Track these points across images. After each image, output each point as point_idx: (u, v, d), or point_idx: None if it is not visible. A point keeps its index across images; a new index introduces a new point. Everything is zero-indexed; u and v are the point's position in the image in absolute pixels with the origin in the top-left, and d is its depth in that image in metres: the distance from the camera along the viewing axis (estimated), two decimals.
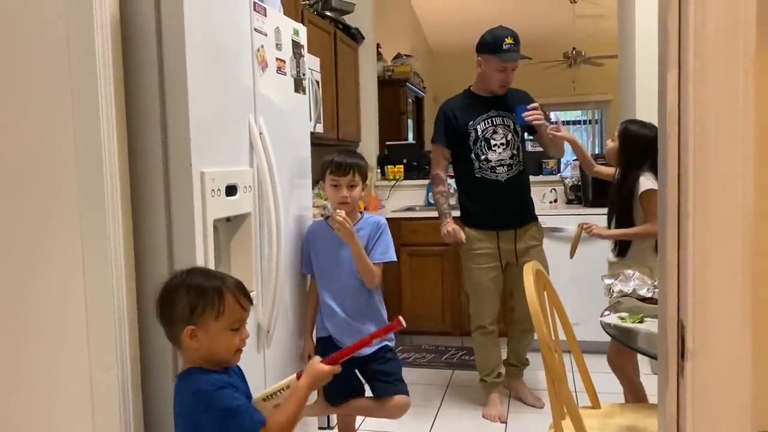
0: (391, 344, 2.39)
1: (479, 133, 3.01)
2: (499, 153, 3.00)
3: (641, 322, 2.00)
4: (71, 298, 1.02)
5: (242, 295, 1.39)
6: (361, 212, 2.36)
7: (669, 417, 0.85)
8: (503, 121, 3.02)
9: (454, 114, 3.08)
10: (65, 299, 0.98)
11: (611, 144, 2.71)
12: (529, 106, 2.87)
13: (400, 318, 1.49)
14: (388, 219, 4.15)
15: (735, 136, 0.77)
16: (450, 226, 3.04)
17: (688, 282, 0.79)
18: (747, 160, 0.76)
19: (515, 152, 3.03)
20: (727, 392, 0.79)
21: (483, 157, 3.01)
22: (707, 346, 0.79)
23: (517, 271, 3.02)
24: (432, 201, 4.57)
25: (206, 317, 1.33)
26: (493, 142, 3.01)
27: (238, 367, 1.50)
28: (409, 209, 4.47)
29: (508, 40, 2.95)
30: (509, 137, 3.02)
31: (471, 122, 3.03)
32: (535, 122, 2.86)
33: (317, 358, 1.49)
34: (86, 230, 1.16)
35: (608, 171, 2.92)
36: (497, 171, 3.01)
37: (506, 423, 2.99)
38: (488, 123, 3.02)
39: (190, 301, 1.33)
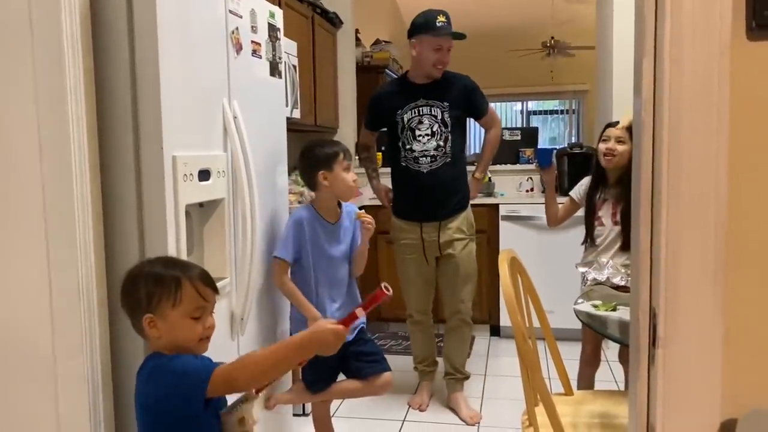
0: (364, 325, 2.41)
1: (405, 123, 2.94)
2: (424, 144, 2.92)
3: (614, 310, 2.02)
4: (33, 284, 0.98)
5: (202, 283, 1.34)
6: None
7: (639, 404, 0.85)
8: (430, 111, 2.92)
9: (384, 101, 3.04)
10: (26, 285, 0.95)
11: (623, 146, 2.44)
12: (555, 152, 2.81)
13: (383, 286, 1.37)
14: (365, 206, 4.18)
15: (710, 124, 0.76)
16: (381, 187, 3.13)
17: (661, 269, 0.79)
18: (721, 148, 0.76)
19: (441, 144, 2.92)
20: (697, 380, 0.79)
21: (408, 147, 2.94)
22: (678, 334, 0.79)
23: (445, 265, 2.99)
24: None
25: (163, 305, 1.30)
26: (417, 132, 2.92)
27: (209, 359, 1.47)
28: None
29: (441, 18, 2.91)
30: (435, 128, 2.92)
31: (399, 111, 2.95)
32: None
33: (327, 319, 1.37)
34: (52, 215, 1.13)
35: (565, 212, 2.80)
36: (420, 162, 2.93)
37: (481, 417, 2.99)
38: (414, 112, 2.93)
39: (147, 290, 1.31)
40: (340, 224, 2.32)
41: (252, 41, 2.16)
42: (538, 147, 3.00)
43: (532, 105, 9.66)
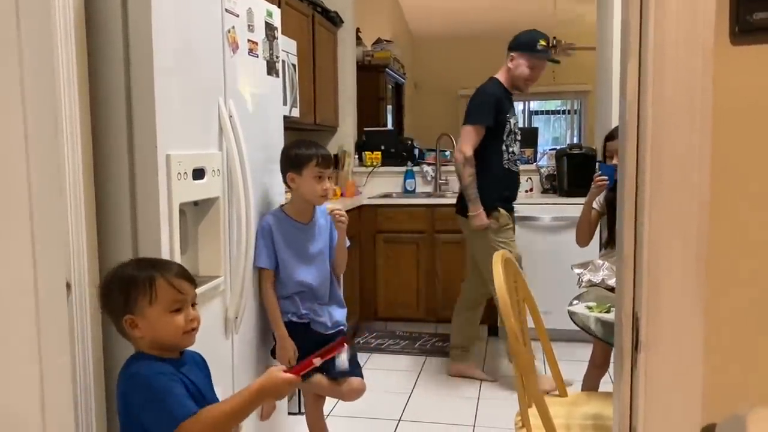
0: (345, 329, 2.41)
1: (512, 127, 3.25)
2: (517, 147, 3.31)
3: (608, 311, 2.01)
4: (20, 282, 0.99)
5: (176, 277, 1.36)
6: None
7: (623, 407, 0.85)
8: (516, 119, 3.34)
9: (502, 102, 3.23)
10: (12, 282, 0.96)
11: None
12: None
13: (346, 339, 1.48)
14: (365, 206, 4.18)
15: (692, 127, 0.76)
16: (484, 216, 3.19)
17: (644, 274, 0.79)
18: (704, 152, 0.76)
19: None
20: (678, 384, 0.79)
21: (511, 150, 3.25)
22: (660, 339, 0.79)
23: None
24: (409, 188, 4.59)
25: (141, 304, 1.32)
26: (516, 137, 3.28)
27: (200, 357, 1.47)
28: (386, 196, 4.46)
29: (542, 42, 3.24)
30: (519, 134, 3.35)
31: (508, 114, 3.23)
32: None
33: (279, 367, 1.41)
34: (43, 212, 1.13)
35: (596, 225, 2.80)
36: (516, 164, 3.31)
37: (476, 411, 3.01)
38: (515, 119, 3.29)
39: (123, 292, 1.33)
40: (314, 223, 2.31)
41: (249, 40, 2.16)
42: (600, 162, 3.16)
43: (534, 105, 9.64)
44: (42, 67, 1.35)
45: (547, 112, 9.83)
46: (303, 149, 2.24)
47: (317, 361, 1.42)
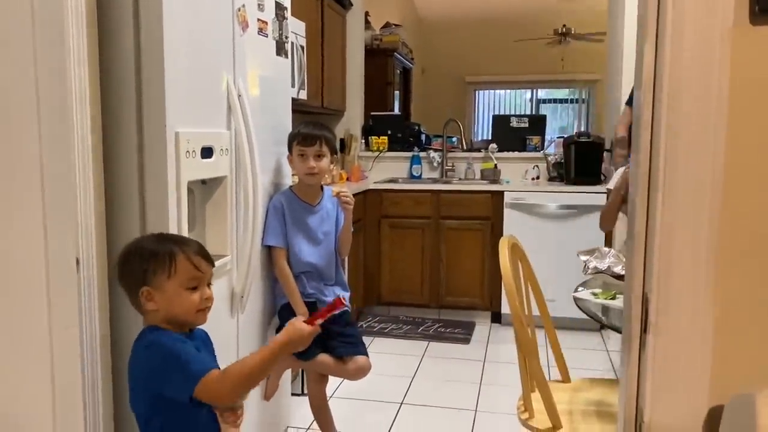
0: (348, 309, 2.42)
1: None
2: None
3: (613, 298, 2.02)
4: (29, 257, 0.99)
5: (196, 255, 1.37)
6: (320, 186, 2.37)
7: (629, 389, 0.85)
8: None
9: None
10: (21, 257, 0.96)
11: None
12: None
13: (341, 297, 1.46)
14: (370, 190, 4.17)
15: (708, 109, 0.75)
16: None
17: (655, 255, 0.79)
18: (719, 134, 0.75)
19: None
20: (686, 366, 0.79)
21: None
22: (670, 321, 0.79)
23: None
24: (415, 174, 4.58)
25: (159, 278, 1.32)
26: None
27: (206, 334, 1.48)
28: (392, 181, 4.46)
29: None
30: None
31: None
32: None
33: (299, 318, 1.42)
34: (52, 188, 1.13)
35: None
36: None
37: (478, 396, 3.03)
38: None
39: (142, 264, 1.33)
40: (322, 206, 2.33)
41: (258, 19, 2.15)
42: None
43: (542, 93, 9.59)
44: (53, 45, 1.36)
45: (555, 101, 9.78)
46: (295, 129, 2.28)
47: (318, 322, 1.41)
